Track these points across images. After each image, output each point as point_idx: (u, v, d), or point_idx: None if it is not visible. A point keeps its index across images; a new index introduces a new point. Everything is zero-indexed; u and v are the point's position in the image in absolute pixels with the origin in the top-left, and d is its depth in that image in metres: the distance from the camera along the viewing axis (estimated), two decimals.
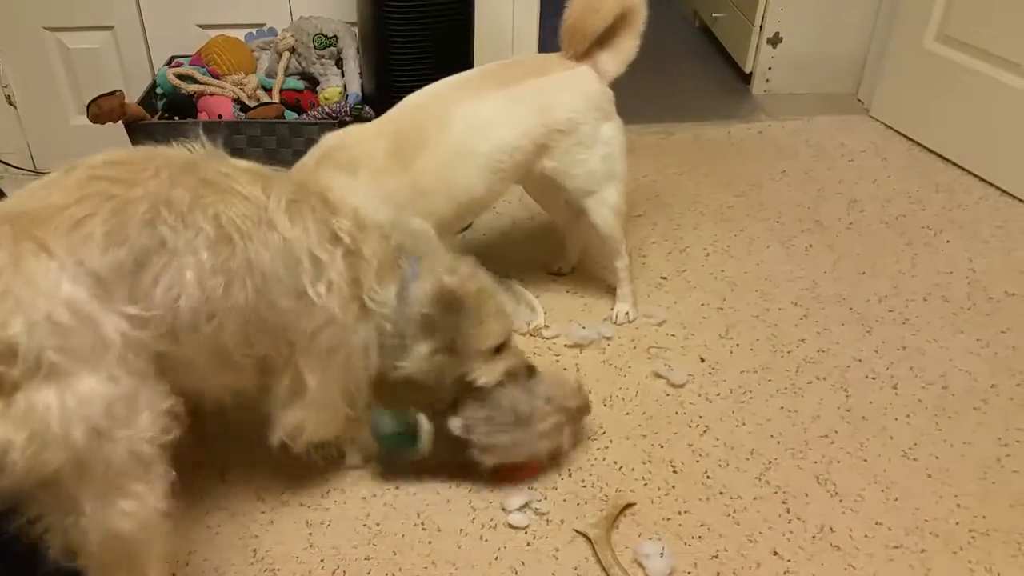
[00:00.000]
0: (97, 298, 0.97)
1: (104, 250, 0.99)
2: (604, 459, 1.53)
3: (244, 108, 2.09)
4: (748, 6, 3.01)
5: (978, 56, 2.47)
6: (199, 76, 2.11)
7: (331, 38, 2.24)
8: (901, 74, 2.77)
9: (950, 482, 1.49)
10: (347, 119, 2.00)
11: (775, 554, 1.35)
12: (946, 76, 2.58)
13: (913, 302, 1.98)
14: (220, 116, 2.04)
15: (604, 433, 1.58)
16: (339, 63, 2.26)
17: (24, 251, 0.95)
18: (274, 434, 1.30)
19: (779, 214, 2.34)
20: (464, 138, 1.60)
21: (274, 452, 1.52)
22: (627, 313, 1.90)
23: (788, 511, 1.43)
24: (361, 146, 1.57)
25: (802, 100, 3.02)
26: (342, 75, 2.23)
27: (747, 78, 3.12)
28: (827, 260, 2.14)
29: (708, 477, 1.50)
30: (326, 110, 2.04)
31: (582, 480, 1.48)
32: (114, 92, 1.93)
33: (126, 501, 1.01)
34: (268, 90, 2.17)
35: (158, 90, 2.14)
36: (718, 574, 1.32)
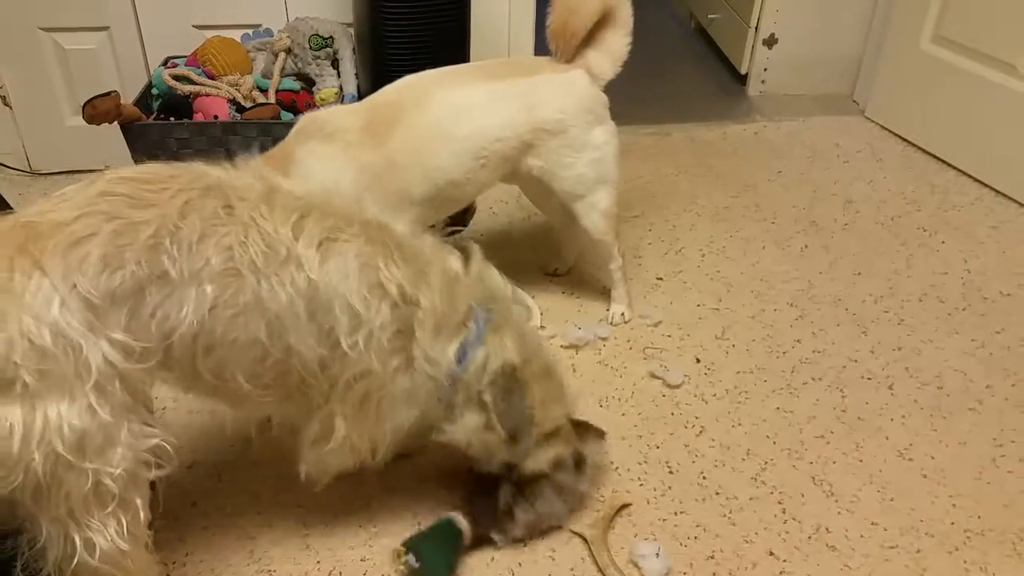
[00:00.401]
0: (86, 323, 0.94)
1: (99, 274, 0.96)
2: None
3: (240, 109, 2.08)
4: (744, 7, 3.01)
5: (973, 57, 2.48)
6: (195, 77, 2.11)
7: (327, 39, 2.24)
8: (896, 75, 2.78)
9: (945, 482, 1.49)
10: None
11: (771, 554, 1.36)
12: (941, 77, 2.59)
13: (908, 303, 1.99)
14: (216, 117, 2.04)
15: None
16: (335, 64, 2.26)
17: (18, 266, 0.93)
18: (302, 470, 1.24)
19: (775, 215, 2.35)
20: (441, 120, 1.60)
21: (270, 453, 1.52)
22: (623, 314, 1.90)
23: (784, 511, 1.43)
24: (336, 120, 1.58)
25: (798, 101, 3.03)
26: (338, 76, 2.23)
27: (743, 79, 3.13)
28: (823, 261, 2.14)
29: (704, 478, 1.50)
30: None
31: None
32: (110, 93, 1.93)
33: (87, 532, 0.99)
34: (264, 91, 2.16)
35: (154, 91, 2.14)
36: (714, 574, 1.32)
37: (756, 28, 2.98)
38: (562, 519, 1.38)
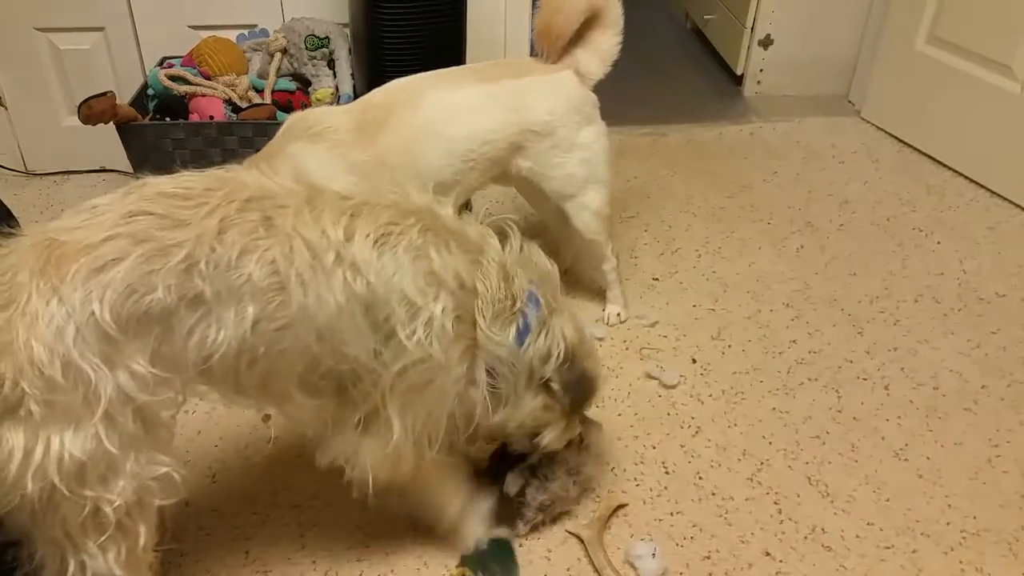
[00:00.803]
0: (101, 355, 0.91)
1: (123, 301, 0.92)
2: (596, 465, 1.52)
3: (236, 109, 2.08)
4: (739, 8, 3.02)
5: (969, 58, 2.49)
6: (190, 77, 2.11)
7: (323, 39, 2.24)
8: (892, 76, 2.78)
9: (941, 482, 1.50)
10: None
11: (767, 555, 1.36)
12: (937, 78, 2.59)
13: (904, 303, 1.99)
14: (212, 117, 2.03)
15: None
16: (331, 64, 2.26)
17: (37, 289, 0.89)
18: (323, 456, 1.17)
19: (770, 215, 2.35)
20: (431, 121, 1.60)
21: (265, 453, 1.52)
22: (618, 314, 1.90)
23: (780, 512, 1.43)
24: (326, 119, 1.58)
25: (793, 102, 3.03)
26: (334, 76, 2.23)
27: (738, 80, 3.13)
28: (818, 261, 2.15)
29: (700, 478, 1.50)
30: None
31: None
32: (105, 93, 1.92)
33: (81, 556, 0.97)
34: (260, 91, 2.16)
35: (149, 91, 2.13)
36: (710, 575, 1.32)
37: (752, 29, 2.98)
38: (573, 502, 1.39)
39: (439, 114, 1.61)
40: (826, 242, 2.23)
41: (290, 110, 2.10)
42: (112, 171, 2.47)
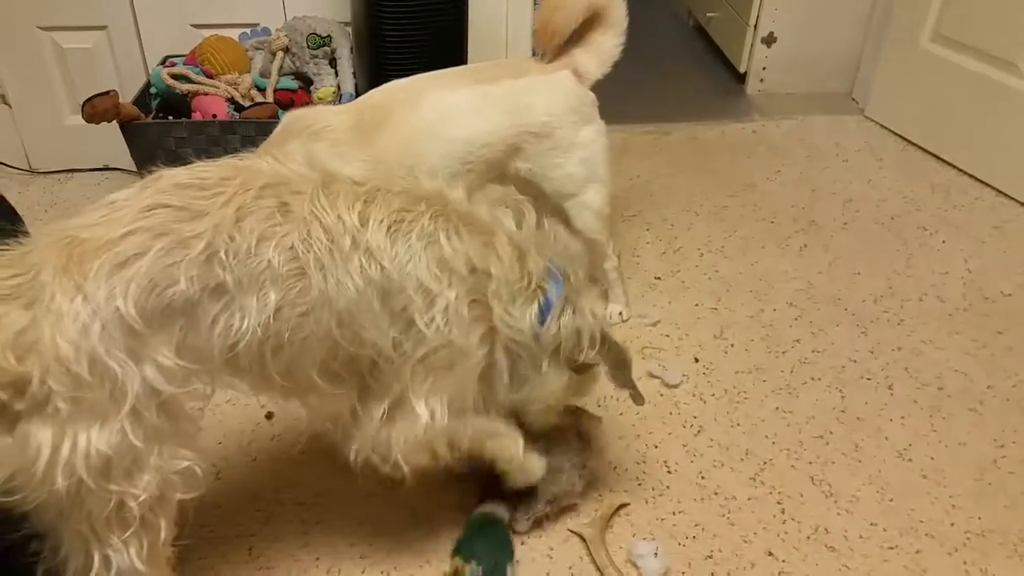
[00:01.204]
0: (127, 349, 0.91)
1: (146, 296, 0.92)
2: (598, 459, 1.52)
3: (238, 108, 2.08)
4: (742, 5, 3.01)
5: (974, 56, 2.48)
6: (193, 76, 2.11)
7: (325, 38, 2.23)
8: (896, 74, 2.77)
9: (945, 483, 1.49)
10: None
11: (770, 554, 1.35)
12: (942, 76, 2.58)
13: (908, 303, 1.98)
14: (214, 116, 2.04)
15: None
16: (333, 63, 2.26)
17: (61, 287, 0.90)
18: (356, 454, 1.17)
19: (774, 214, 2.34)
20: (430, 123, 1.60)
21: (268, 450, 1.52)
22: (620, 313, 1.90)
23: (783, 512, 1.43)
24: (324, 119, 1.57)
25: (797, 100, 3.02)
26: (336, 75, 2.23)
27: (742, 78, 3.12)
28: (822, 260, 2.14)
29: (702, 477, 1.50)
30: None
31: None
32: (108, 92, 1.93)
33: (106, 550, 0.97)
34: (262, 90, 2.16)
35: (152, 90, 2.14)
36: (712, 574, 1.32)
37: (755, 26, 2.97)
38: (577, 496, 1.40)
39: (437, 115, 1.60)
40: (830, 241, 2.22)
41: (292, 109, 2.10)
42: (115, 169, 2.47)
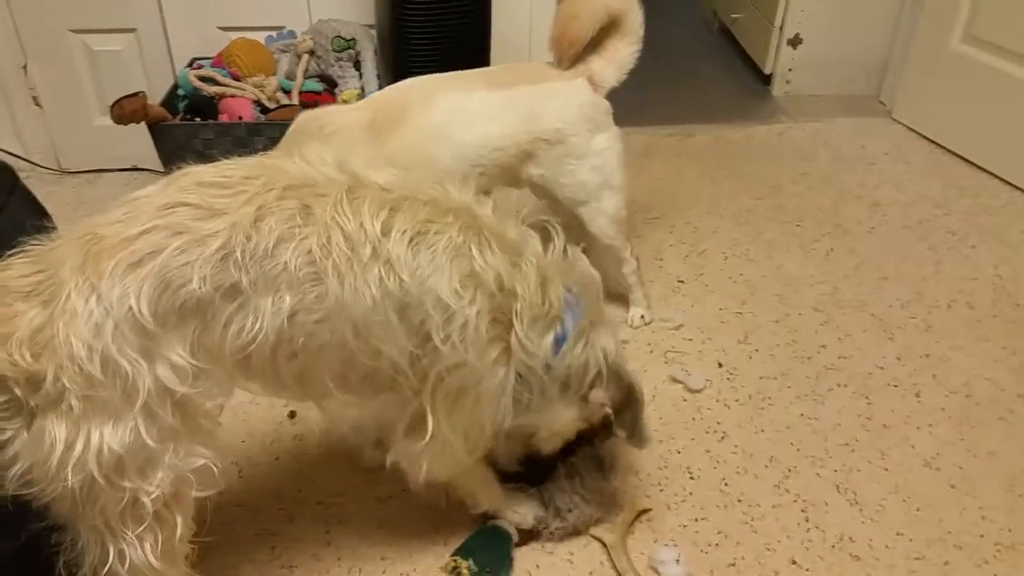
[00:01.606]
0: (139, 349, 0.92)
1: (159, 296, 0.92)
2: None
3: (264, 110, 2.10)
4: (768, 7, 2.98)
5: (1006, 57, 2.43)
6: (220, 78, 2.13)
7: (349, 40, 2.25)
8: (925, 75, 2.73)
9: (975, 493, 1.46)
10: None
11: (793, 563, 1.34)
12: (972, 77, 2.54)
13: (936, 308, 1.95)
14: (240, 118, 2.06)
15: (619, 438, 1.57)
16: (357, 65, 2.27)
17: (76, 286, 0.90)
18: (390, 458, 1.19)
19: (799, 217, 2.32)
20: (443, 125, 1.60)
21: (291, 449, 1.53)
22: (642, 316, 1.89)
23: (807, 520, 1.41)
24: (337, 119, 1.58)
25: (823, 102, 2.99)
26: (360, 77, 2.25)
27: (767, 79, 3.10)
28: (848, 265, 2.11)
29: (726, 484, 1.48)
30: None
31: None
32: (137, 93, 1.96)
33: (120, 544, 0.98)
34: (287, 92, 2.18)
35: (180, 91, 2.16)
36: None
37: (781, 28, 2.94)
38: (597, 517, 1.38)
39: (450, 118, 1.61)
40: (856, 245, 2.19)
41: None
42: (143, 170, 2.50)
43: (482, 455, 1.23)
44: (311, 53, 2.26)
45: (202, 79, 2.11)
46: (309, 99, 2.15)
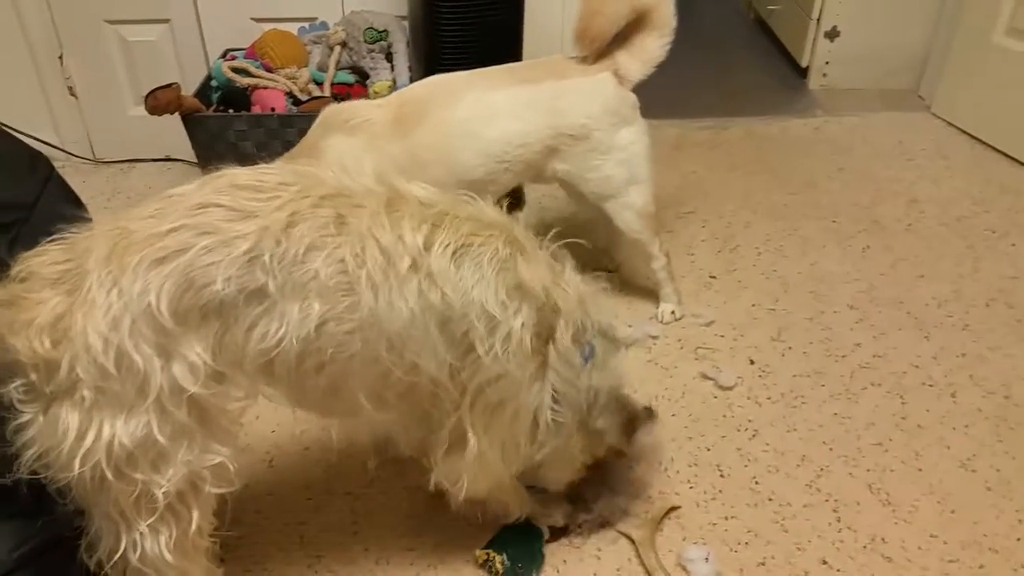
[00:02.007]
0: (156, 346, 0.91)
1: (180, 295, 0.92)
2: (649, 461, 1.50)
3: (296, 102, 2.11)
4: None
5: None
6: (253, 69, 2.15)
7: (381, 32, 2.25)
8: (966, 70, 2.66)
9: (1012, 496, 1.43)
10: None
11: (824, 563, 1.32)
12: (1016, 72, 2.47)
13: (974, 307, 1.91)
14: (273, 109, 2.07)
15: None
16: (389, 57, 2.28)
17: (98, 278, 0.91)
18: (434, 478, 1.18)
19: (835, 213, 2.28)
20: (467, 120, 1.60)
21: (320, 440, 1.54)
22: (672, 312, 1.87)
23: (839, 520, 1.39)
24: (363, 113, 1.59)
25: (860, 96, 2.93)
26: (392, 69, 2.25)
27: (803, 72, 3.04)
28: (884, 262, 2.07)
29: (756, 483, 1.47)
30: None
31: None
32: (171, 84, 1.98)
33: (134, 534, 0.99)
34: (320, 84, 2.19)
35: (213, 83, 2.18)
36: None
37: (818, 20, 2.89)
38: (624, 514, 1.39)
39: (475, 113, 1.61)
40: (893, 242, 2.15)
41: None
42: (177, 160, 2.54)
43: (519, 470, 1.22)
44: (343, 44, 2.26)
45: (235, 70, 2.13)
46: (341, 91, 2.16)
